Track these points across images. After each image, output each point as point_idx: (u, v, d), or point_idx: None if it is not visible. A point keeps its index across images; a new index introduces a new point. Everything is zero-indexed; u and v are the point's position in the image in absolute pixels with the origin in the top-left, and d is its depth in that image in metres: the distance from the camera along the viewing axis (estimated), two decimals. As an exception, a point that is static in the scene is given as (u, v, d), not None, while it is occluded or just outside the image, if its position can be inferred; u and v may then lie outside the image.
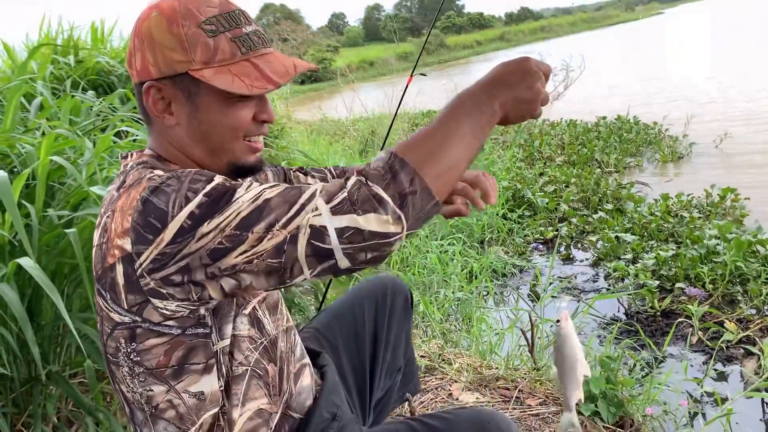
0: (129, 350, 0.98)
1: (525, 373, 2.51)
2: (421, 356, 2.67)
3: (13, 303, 1.51)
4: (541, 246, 5.34)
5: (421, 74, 1.69)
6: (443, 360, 2.64)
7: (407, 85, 1.67)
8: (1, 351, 1.64)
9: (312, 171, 1.51)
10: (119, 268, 0.93)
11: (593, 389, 2.19)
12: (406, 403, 1.67)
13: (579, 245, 5.26)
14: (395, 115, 1.76)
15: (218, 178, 0.93)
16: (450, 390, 2.37)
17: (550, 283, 4.20)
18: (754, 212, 5.08)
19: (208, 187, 0.91)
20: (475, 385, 2.42)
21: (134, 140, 2.59)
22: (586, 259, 4.93)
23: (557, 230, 5.49)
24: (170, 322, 0.96)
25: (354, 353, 1.50)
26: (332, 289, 3.22)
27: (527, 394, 2.35)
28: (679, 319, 3.48)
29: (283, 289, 1.15)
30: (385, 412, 1.59)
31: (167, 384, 1.00)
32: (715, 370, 3.08)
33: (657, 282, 3.97)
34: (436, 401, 2.33)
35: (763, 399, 2.83)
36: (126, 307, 0.95)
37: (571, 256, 5.05)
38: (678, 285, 3.92)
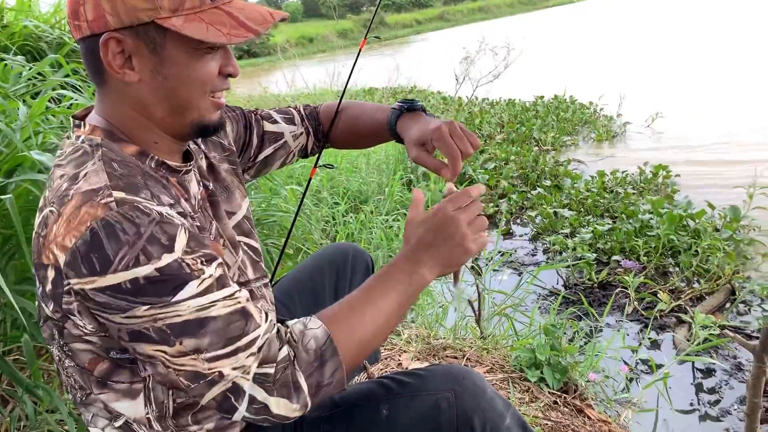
0: (61, 343, 0.93)
1: (472, 342, 2.55)
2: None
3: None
4: (482, 221, 5.42)
5: (376, 37, 1.66)
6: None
7: (360, 49, 1.63)
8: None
9: (277, 114, 1.44)
10: (50, 274, 0.87)
11: (539, 356, 2.25)
12: (364, 372, 1.66)
13: (518, 220, 5.37)
14: (348, 79, 1.72)
15: (178, 247, 0.84)
16: (399, 360, 2.39)
17: (491, 258, 4.28)
18: (684, 188, 5.31)
19: (164, 261, 0.82)
20: (424, 354, 2.44)
21: (69, 106, 2.46)
22: (525, 234, 5.04)
23: (498, 206, 5.59)
24: (93, 338, 0.90)
25: None
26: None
27: (474, 362, 2.39)
28: (617, 290, 3.62)
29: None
30: (348, 379, 1.58)
31: (91, 389, 0.95)
32: (649, 338, 3.21)
33: (594, 255, 4.11)
34: (385, 371, 2.34)
35: (693, 364, 2.97)
36: (50, 310, 0.90)
37: (511, 231, 5.15)
38: (614, 258, 4.06)
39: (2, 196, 1.56)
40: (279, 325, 0.96)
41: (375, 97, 11.86)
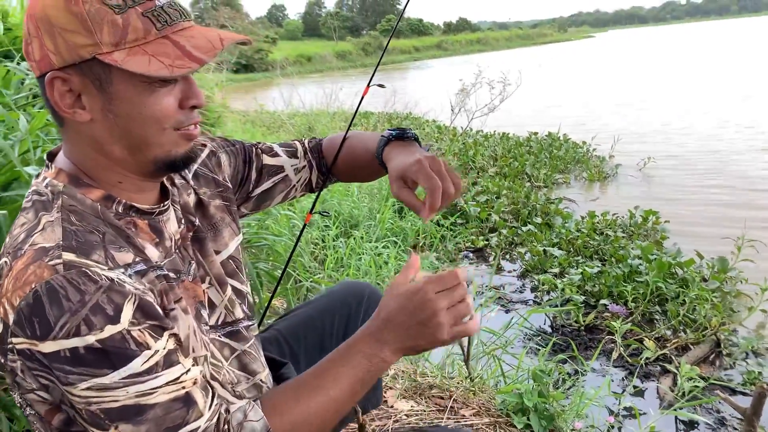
0: (20, 391, 0.88)
1: (459, 383, 2.53)
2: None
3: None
4: (471, 254, 5.43)
5: (379, 85, 1.60)
6: (378, 365, 2.62)
7: (363, 97, 1.61)
8: None
9: (279, 147, 1.38)
10: (1, 327, 0.82)
11: (527, 402, 2.23)
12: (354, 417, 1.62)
13: (508, 256, 5.37)
14: (351, 121, 1.70)
15: (124, 318, 0.79)
16: (385, 397, 2.35)
17: (480, 292, 4.27)
18: (673, 234, 5.34)
19: (107, 332, 0.78)
20: (410, 393, 2.41)
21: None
22: (515, 270, 5.04)
23: (488, 240, 5.60)
24: (41, 393, 0.85)
25: None
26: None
27: (461, 404, 2.36)
28: (606, 336, 3.61)
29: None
30: (341, 425, 1.52)
31: None
32: (634, 386, 3.20)
33: (582, 297, 4.11)
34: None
35: (677, 417, 2.96)
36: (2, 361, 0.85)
37: (500, 266, 5.15)
38: (602, 301, 4.06)
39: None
40: (221, 411, 0.90)
41: (371, 120, 11.91)
